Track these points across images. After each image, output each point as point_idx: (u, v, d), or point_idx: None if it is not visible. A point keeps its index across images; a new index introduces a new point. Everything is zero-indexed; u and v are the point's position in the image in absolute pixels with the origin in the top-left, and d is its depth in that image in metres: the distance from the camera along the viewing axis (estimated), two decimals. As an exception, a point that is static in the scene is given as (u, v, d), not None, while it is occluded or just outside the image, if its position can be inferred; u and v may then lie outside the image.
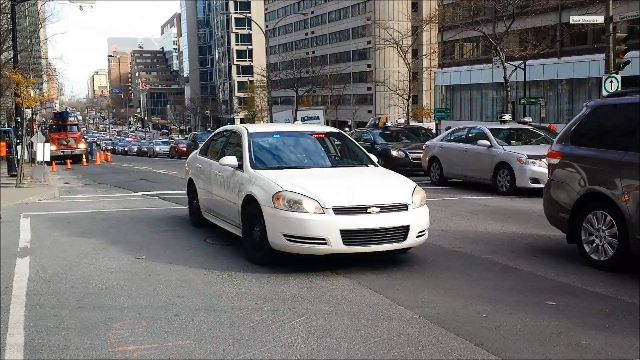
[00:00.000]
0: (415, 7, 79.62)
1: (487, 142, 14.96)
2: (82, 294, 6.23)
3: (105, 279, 6.83)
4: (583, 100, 50.29)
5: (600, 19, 22.31)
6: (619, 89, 20.83)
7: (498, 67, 35.68)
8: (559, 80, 52.53)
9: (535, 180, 13.72)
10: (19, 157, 20.09)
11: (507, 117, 17.51)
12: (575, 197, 7.40)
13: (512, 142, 15.67)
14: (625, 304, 5.72)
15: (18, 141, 22.32)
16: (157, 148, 56.60)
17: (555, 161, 7.95)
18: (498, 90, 53.42)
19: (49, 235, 9.62)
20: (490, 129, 15.66)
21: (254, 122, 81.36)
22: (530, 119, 23.85)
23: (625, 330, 5.00)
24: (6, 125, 40.15)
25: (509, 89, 34.86)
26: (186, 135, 75.81)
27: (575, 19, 23.45)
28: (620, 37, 20.97)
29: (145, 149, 61.38)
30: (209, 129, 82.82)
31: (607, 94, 20.97)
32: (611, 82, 20.74)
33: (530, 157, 13.92)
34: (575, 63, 48.44)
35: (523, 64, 37.71)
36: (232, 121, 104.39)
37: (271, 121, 52.06)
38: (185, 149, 40.91)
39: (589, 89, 49.42)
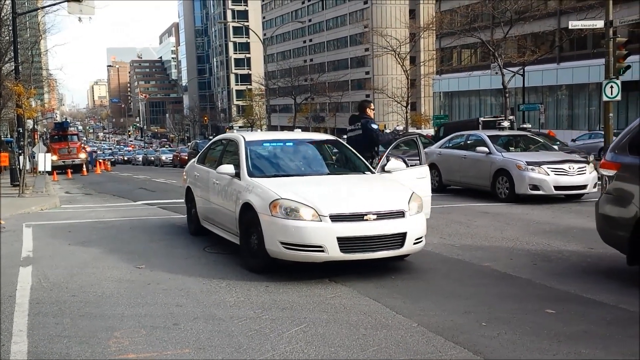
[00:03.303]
0: (413, 14, 79.92)
1: (485, 149, 14.95)
2: (83, 303, 6.25)
3: (106, 287, 6.84)
4: (583, 106, 50.78)
5: (600, 24, 22.33)
6: (619, 94, 20.85)
7: (496, 73, 35.74)
8: (558, 86, 52.63)
9: (535, 187, 13.71)
10: (21, 167, 20.16)
11: (506, 123, 17.50)
12: (638, 213, 6.48)
13: (510, 148, 15.66)
14: (626, 313, 5.68)
15: (20, 151, 22.36)
16: (163, 157, 56.73)
17: (611, 173, 7.00)
18: (497, 96, 53.48)
19: (51, 245, 9.66)
20: (488, 136, 15.66)
21: (252, 130, 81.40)
22: (529, 125, 23.91)
23: (627, 339, 4.96)
24: (8, 135, 40.23)
25: (507, 95, 34.90)
26: (188, 144, 75.88)
27: (575, 24, 23.54)
28: (620, 42, 20.97)
29: (152, 158, 61.36)
30: (210, 137, 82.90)
31: (606, 99, 21.01)
32: (611, 87, 20.74)
33: (529, 163, 13.90)
34: (575, 68, 48.52)
35: (522, 70, 37.78)
36: (231, 129, 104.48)
37: (269, 129, 52.08)
38: (186, 158, 40.95)
39: (589, 95, 49.51)
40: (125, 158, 75.78)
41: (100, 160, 53.87)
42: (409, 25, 60.65)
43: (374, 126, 10.35)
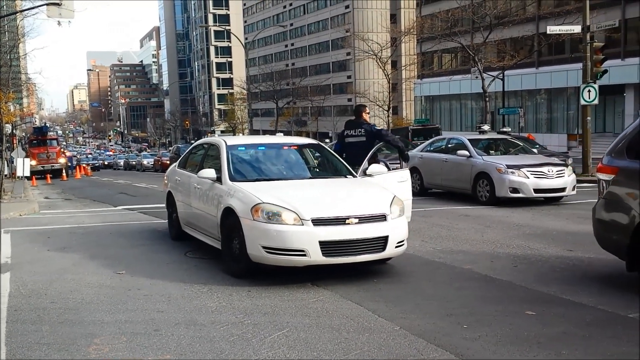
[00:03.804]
0: (394, 18, 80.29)
1: (466, 153, 15.06)
2: (62, 310, 6.18)
3: (85, 294, 6.77)
4: (561, 110, 51.35)
5: (577, 29, 22.57)
6: (596, 98, 21.08)
7: (477, 77, 36.06)
8: (537, 90, 53.15)
9: (515, 190, 13.82)
10: (-1, 173, 19.93)
11: (486, 127, 17.67)
12: (637, 218, 6.27)
13: (491, 152, 15.78)
14: (605, 314, 5.73)
15: (-2, 157, 22.10)
16: (145, 161, 56.35)
17: (608, 177, 6.79)
18: (477, 100, 53.90)
19: (30, 251, 9.54)
20: (469, 139, 15.77)
21: (234, 134, 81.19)
22: (509, 129, 24.12)
23: (606, 340, 5.00)
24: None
25: (487, 99, 35.20)
26: (169, 148, 75.40)
27: (553, 29, 23.73)
28: (597, 47, 21.19)
29: (134, 163, 60.90)
30: (192, 142, 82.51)
31: (584, 103, 21.24)
32: (589, 91, 20.97)
33: (509, 167, 14.03)
34: (554, 73, 49.04)
35: (501, 74, 38.11)
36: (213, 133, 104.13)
37: (251, 133, 52.02)
38: (168, 162, 40.74)
39: (567, 99, 50.07)
40: (106, 163, 75.09)
41: (84, 165, 53.53)
42: (390, 30, 61.00)
43: (380, 128, 10.32)
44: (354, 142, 10.25)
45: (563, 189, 14.14)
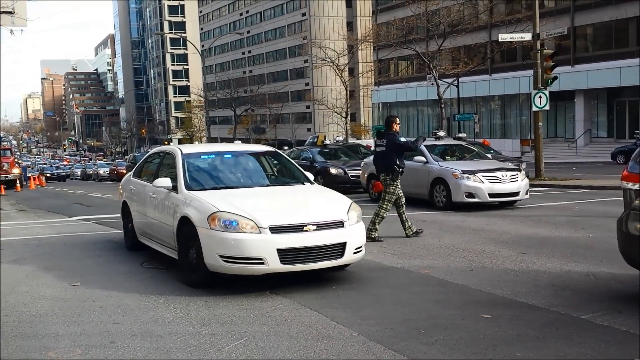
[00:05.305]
0: (350, 26, 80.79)
1: (423, 159, 15.20)
2: (15, 323, 6.04)
3: (40, 306, 6.63)
4: (515, 116, 52.47)
5: (527, 37, 23.08)
6: (547, 104, 21.59)
7: (432, 84, 36.54)
8: (491, 97, 54.18)
9: (470, 195, 14.04)
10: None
11: (442, 133, 17.87)
12: None
13: (447, 158, 15.99)
14: (558, 315, 5.85)
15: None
16: (101, 171, 55.47)
17: (637, 186, 6.18)
18: (433, 106, 54.64)
19: (-22, 264, 9.24)
20: (426, 145, 15.93)
21: (192, 143, 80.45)
22: (465, 135, 24.49)
23: (559, 341, 5.11)
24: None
25: (443, 105, 35.69)
26: (125, 157, 74.22)
27: (504, 36, 24.20)
28: (547, 54, 21.70)
29: (91, 172, 59.85)
30: (148, 150, 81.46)
31: (536, 109, 21.72)
32: (540, 97, 21.44)
33: (464, 172, 14.24)
34: (506, 79, 50.07)
35: (456, 81, 38.74)
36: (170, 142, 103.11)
37: (209, 141, 51.65)
38: (124, 171, 40.16)
39: (520, 105, 51.17)
40: (63, 173, 73.49)
41: (48, 174, 52.40)
42: (347, 37, 61.34)
43: (402, 140, 10.78)
44: (379, 151, 11.01)
45: (517, 193, 14.42)
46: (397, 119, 11.27)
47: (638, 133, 40.09)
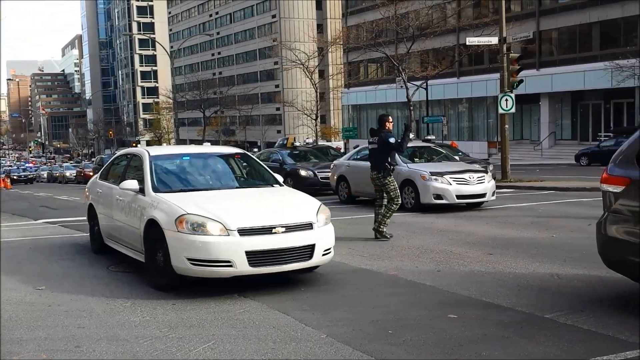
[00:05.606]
0: (320, 28, 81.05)
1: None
2: (-24, 329, 5.90)
3: (3, 311, 6.49)
4: (482, 118, 53.15)
5: (494, 40, 23.40)
6: (514, 107, 21.90)
7: (401, 87, 36.82)
8: (459, 99, 54.78)
9: (438, 197, 14.17)
10: None
11: (411, 135, 17.99)
12: None
13: (415, 159, 16.11)
14: (522, 315, 5.93)
15: None
16: (67, 173, 54.62)
17: (618, 189, 5.89)
18: (402, 109, 54.93)
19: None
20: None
21: (160, 144, 79.71)
22: (434, 137, 24.71)
23: (524, 340, 5.18)
24: None
25: (412, 108, 35.97)
26: (92, 159, 73.17)
27: (471, 40, 24.47)
28: (513, 57, 22.00)
29: (57, 175, 58.87)
30: (116, 152, 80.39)
31: (502, 111, 22.02)
32: (506, 100, 21.74)
33: (432, 174, 14.37)
34: (474, 82, 50.65)
35: (425, 84, 39.05)
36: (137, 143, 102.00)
37: (178, 143, 51.26)
38: (91, 174, 39.64)
39: (487, 107, 51.81)
40: (30, 176, 72.04)
41: (15, 177, 51.36)
42: (317, 40, 61.45)
43: (391, 140, 10.85)
44: (371, 149, 11.20)
45: (483, 195, 14.59)
46: (390, 117, 11.36)
47: (601, 135, 40.93)
